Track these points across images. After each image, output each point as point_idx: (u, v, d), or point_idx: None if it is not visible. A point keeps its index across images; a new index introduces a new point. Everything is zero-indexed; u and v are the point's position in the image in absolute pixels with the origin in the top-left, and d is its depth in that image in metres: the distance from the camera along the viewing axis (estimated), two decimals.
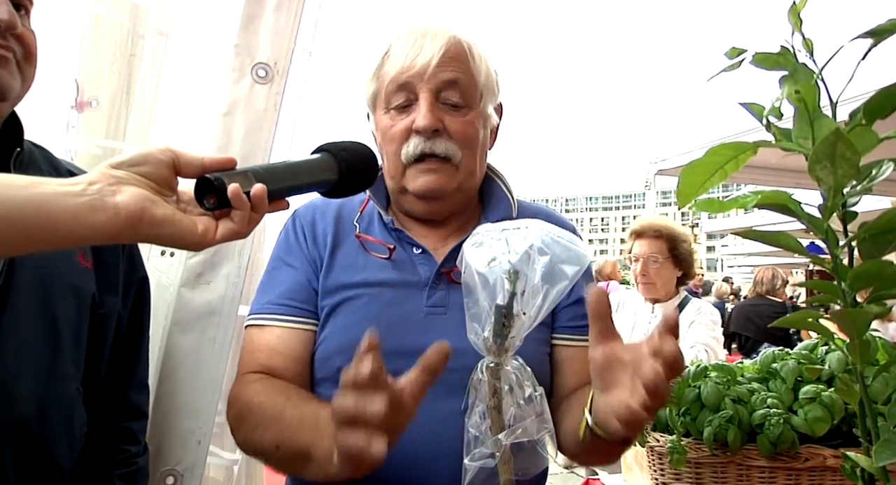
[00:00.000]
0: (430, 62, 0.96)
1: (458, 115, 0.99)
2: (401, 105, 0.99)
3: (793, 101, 0.45)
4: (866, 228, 0.45)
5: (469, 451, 0.63)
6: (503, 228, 0.64)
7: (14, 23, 0.90)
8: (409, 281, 0.99)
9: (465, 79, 1.00)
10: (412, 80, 0.97)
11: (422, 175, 0.98)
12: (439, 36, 0.99)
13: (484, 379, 0.63)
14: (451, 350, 0.61)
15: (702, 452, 1.26)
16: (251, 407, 0.91)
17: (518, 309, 0.62)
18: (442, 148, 0.98)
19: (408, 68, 0.97)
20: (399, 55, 0.99)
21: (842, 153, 0.40)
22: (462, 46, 1.01)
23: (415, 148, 0.97)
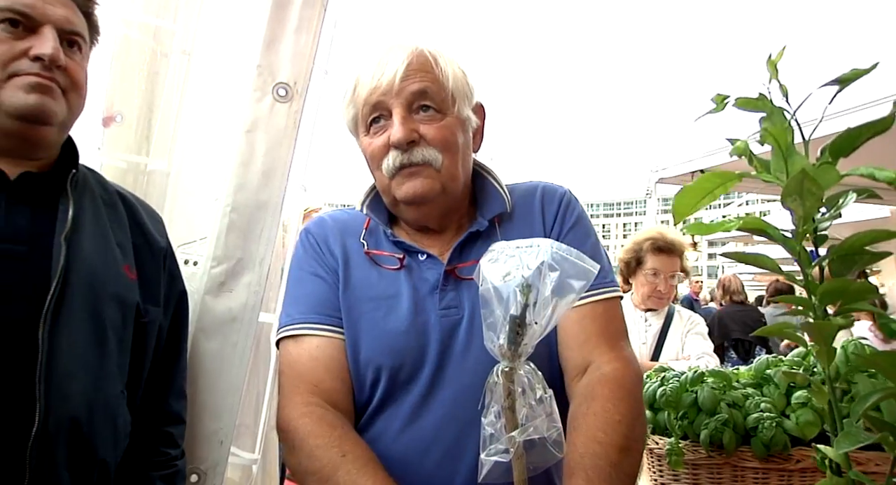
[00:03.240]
0: (395, 77, 1.02)
1: (433, 123, 1.03)
2: (377, 123, 1.05)
3: (768, 141, 0.52)
4: (835, 250, 0.52)
5: (485, 447, 0.69)
6: (517, 246, 0.71)
7: (57, 56, 0.99)
8: (420, 286, 1.05)
9: (433, 87, 1.04)
10: (383, 98, 1.03)
11: (406, 182, 1.03)
12: (401, 51, 1.05)
13: (499, 382, 0.70)
14: None
15: (699, 454, 1.32)
16: (305, 447, 0.96)
17: (530, 319, 0.68)
18: (419, 156, 1.03)
19: (376, 87, 1.03)
20: (366, 77, 1.04)
21: (808, 188, 0.47)
22: (425, 56, 1.05)
23: (393, 161, 1.03)
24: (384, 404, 1.02)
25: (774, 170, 0.52)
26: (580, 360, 1.00)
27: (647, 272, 2.59)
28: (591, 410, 0.91)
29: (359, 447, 0.95)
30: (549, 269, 0.67)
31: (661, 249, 2.59)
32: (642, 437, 0.97)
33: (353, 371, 1.04)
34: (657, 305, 2.64)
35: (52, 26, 0.99)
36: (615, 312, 1.05)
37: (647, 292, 2.63)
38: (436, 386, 0.99)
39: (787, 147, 0.51)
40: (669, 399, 1.36)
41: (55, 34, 0.99)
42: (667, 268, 2.58)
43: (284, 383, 1.07)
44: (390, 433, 1.01)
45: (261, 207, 1.34)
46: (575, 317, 1.00)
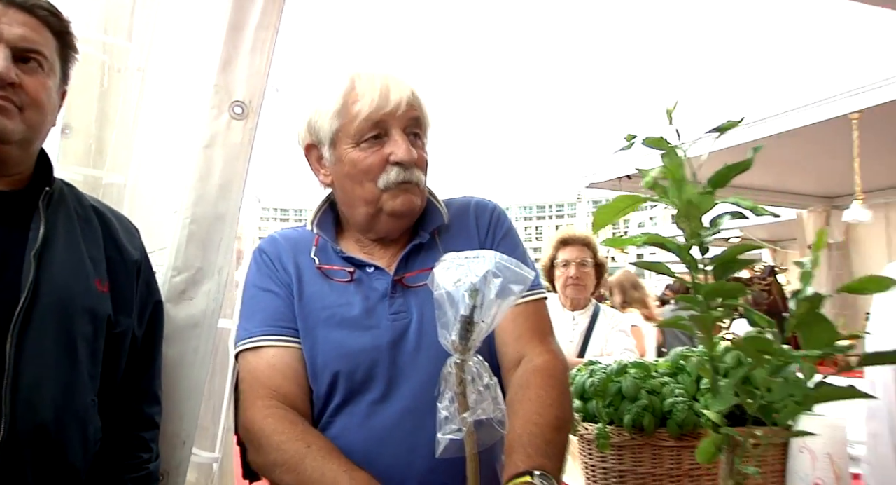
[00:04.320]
0: (401, 103, 1.13)
1: (419, 148, 1.18)
2: (376, 140, 1.14)
3: (665, 175, 0.67)
4: (716, 259, 0.67)
5: (441, 428, 0.82)
6: (465, 256, 0.83)
7: (7, 74, 1.01)
8: (371, 296, 1.16)
9: (421, 117, 1.18)
10: (386, 118, 1.13)
11: (401, 196, 1.15)
12: (404, 81, 1.17)
13: (452, 372, 0.82)
14: None
15: (623, 437, 1.47)
16: (271, 443, 1.05)
17: (478, 318, 0.81)
18: (416, 177, 1.16)
19: (383, 108, 1.12)
20: (372, 96, 1.13)
21: (692, 212, 0.62)
22: (417, 90, 1.18)
23: (396, 176, 1.13)
24: (344, 404, 1.13)
25: (672, 196, 0.66)
26: (515, 353, 1.14)
27: (559, 264, 2.83)
28: (526, 396, 1.05)
29: (322, 440, 1.06)
30: (493, 275, 0.80)
31: (566, 241, 2.87)
32: (570, 418, 1.12)
33: (312, 376, 1.14)
34: (577, 293, 2.85)
35: (4, 45, 1.01)
36: (543, 311, 1.20)
37: (564, 283, 2.85)
38: (392, 384, 1.11)
39: (680, 179, 0.66)
40: (597, 389, 1.51)
41: (7, 53, 1.01)
42: (574, 256, 2.83)
43: (245, 390, 1.15)
44: (351, 429, 1.11)
45: (219, 218, 1.41)
46: (510, 317, 1.14)
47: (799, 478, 1.40)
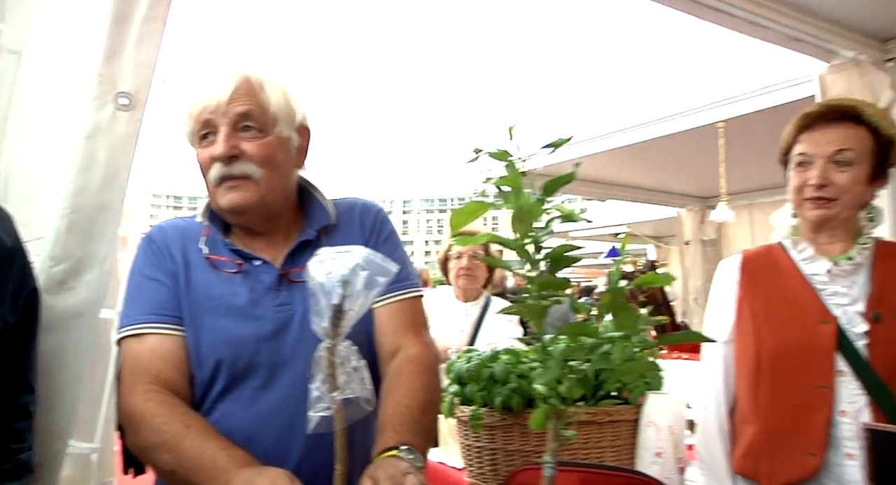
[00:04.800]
0: (223, 98, 1.16)
1: (254, 140, 1.18)
2: (207, 138, 1.19)
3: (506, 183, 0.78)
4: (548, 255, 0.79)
5: (313, 406, 0.90)
6: (337, 251, 0.91)
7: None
8: (257, 288, 1.21)
9: (256, 110, 1.18)
10: (211, 117, 1.17)
11: (227, 193, 1.19)
12: (230, 74, 1.20)
13: (324, 356, 0.91)
14: None
15: (494, 417, 1.60)
16: (151, 425, 1.07)
17: (347, 307, 0.89)
18: (239, 170, 1.17)
19: (206, 107, 1.17)
20: (199, 95, 1.19)
21: (524, 217, 0.73)
22: (251, 82, 1.19)
23: (216, 172, 1.18)
24: (226, 390, 1.17)
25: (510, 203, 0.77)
26: (392, 345, 1.24)
27: (453, 256, 2.98)
28: (399, 381, 1.16)
29: (201, 421, 1.10)
30: (361, 268, 0.88)
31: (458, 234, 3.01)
32: (438, 401, 1.23)
33: (196, 363, 1.18)
34: (470, 283, 3.00)
35: None
36: (419, 307, 1.30)
37: (456, 274, 3.00)
38: (274, 372, 1.17)
39: (517, 188, 0.77)
40: (472, 374, 1.64)
41: None
42: (467, 249, 2.98)
43: (126, 375, 1.17)
44: (234, 413, 1.16)
45: (102, 209, 1.41)
46: (388, 311, 1.24)
47: (645, 448, 1.59)
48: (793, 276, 1.50)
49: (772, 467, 1.44)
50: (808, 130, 1.51)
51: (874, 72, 3.61)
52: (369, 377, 0.94)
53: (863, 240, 1.48)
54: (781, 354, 1.45)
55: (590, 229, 10.86)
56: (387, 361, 1.23)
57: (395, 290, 1.26)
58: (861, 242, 1.48)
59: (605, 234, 11.03)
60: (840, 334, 1.39)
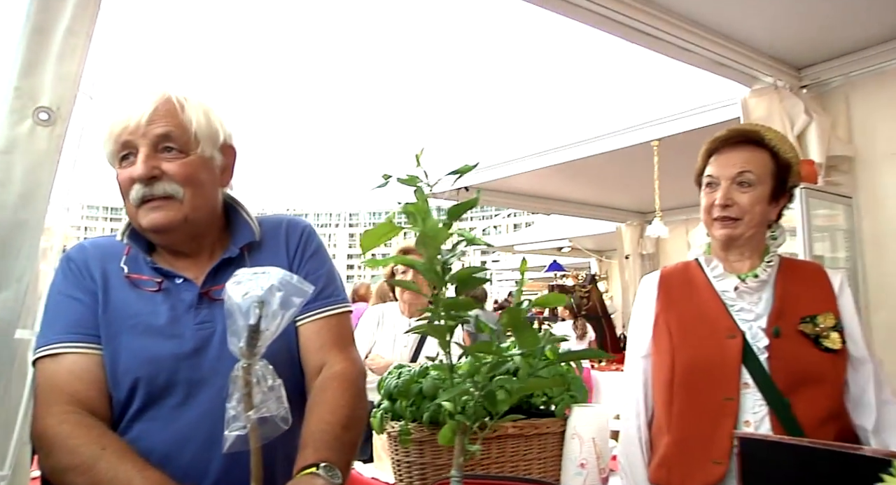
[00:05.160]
0: (142, 119, 1.16)
1: (176, 160, 1.18)
2: (127, 159, 1.19)
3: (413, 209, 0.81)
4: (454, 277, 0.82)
5: (229, 425, 0.90)
6: (254, 272, 0.93)
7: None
8: (178, 306, 1.20)
9: (176, 130, 1.18)
10: (131, 138, 1.17)
11: (148, 213, 1.18)
12: (150, 95, 1.19)
13: (240, 375, 0.91)
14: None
15: (423, 433, 1.62)
16: (66, 447, 1.05)
17: (264, 327, 0.91)
18: (161, 190, 1.17)
19: (125, 128, 1.17)
20: (118, 116, 1.18)
21: (429, 241, 0.77)
22: (171, 102, 1.19)
23: (136, 193, 1.17)
24: (144, 409, 1.16)
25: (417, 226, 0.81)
26: (317, 361, 1.25)
27: (398, 272, 3.01)
28: (322, 398, 1.17)
29: (117, 442, 1.08)
30: (277, 289, 0.90)
31: (407, 251, 3.05)
32: (362, 417, 1.24)
33: (112, 382, 1.16)
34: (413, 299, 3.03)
35: None
36: (345, 323, 1.32)
37: (401, 290, 3.02)
38: (193, 390, 1.16)
39: (425, 213, 0.80)
40: (401, 390, 1.65)
41: None
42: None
43: (41, 395, 1.14)
44: (152, 432, 1.15)
45: (19, 226, 1.37)
46: (313, 328, 1.25)
47: (569, 460, 1.64)
48: (705, 292, 1.58)
49: (682, 477, 1.51)
50: (716, 154, 1.60)
51: (791, 97, 3.83)
52: (285, 396, 0.95)
53: (768, 258, 1.57)
54: (692, 367, 1.52)
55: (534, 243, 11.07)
56: (312, 377, 1.24)
57: (321, 306, 1.27)
58: (767, 259, 1.57)
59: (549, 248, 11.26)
60: (746, 349, 1.47)
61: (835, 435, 1.41)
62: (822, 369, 1.43)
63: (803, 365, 1.43)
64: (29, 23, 1.42)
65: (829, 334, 1.44)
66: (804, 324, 1.46)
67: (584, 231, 9.77)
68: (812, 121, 3.78)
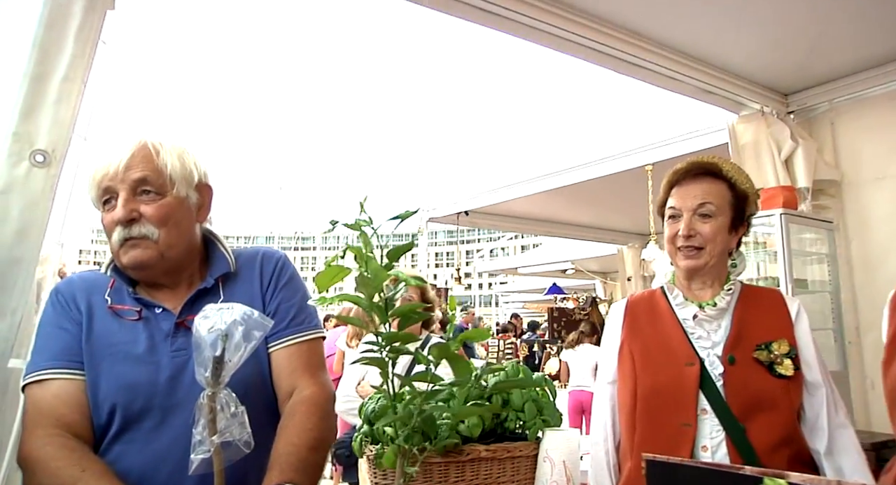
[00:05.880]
0: (120, 166, 1.25)
1: (152, 203, 1.27)
2: (109, 203, 1.28)
3: (356, 251, 0.89)
4: (395, 312, 0.90)
5: (194, 449, 0.98)
6: (220, 308, 1.01)
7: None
8: (156, 334, 1.29)
9: (151, 175, 1.27)
10: (111, 184, 1.26)
11: (128, 252, 1.27)
12: (128, 143, 1.27)
13: (205, 403, 0.99)
14: None
15: None
16: (47, 469, 1.12)
17: (227, 358, 0.99)
18: (138, 231, 1.26)
19: (105, 174, 1.26)
20: (100, 164, 1.27)
21: (368, 282, 0.85)
22: (147, 148, 1.28)
23: (118, 235, 1.26)
24: (122, 432, 1.23)
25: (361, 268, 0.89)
26: (288, 386, 1.32)
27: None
28: (290, 422, 1.24)
29: (97, 464, 1.15)
30: (239, 323, 0.98)
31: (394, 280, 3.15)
32: (329, 439, 1.31)
33: (93, 407, 1.24)
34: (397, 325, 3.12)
35: None
36: (316, 349, 1.39)
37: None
38: (168, 415, 1.23)
39: (367, 256, 0.88)
40: (378, 414, 1.72)
41: None
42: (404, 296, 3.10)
43: (28, 419, 1.22)
44: (129, 454, 1.22)
45: (15, 262, 1.47)
46: (285, 354, 1.33)
47: (541, 482, 1.69)
48: (668, 320, 1.64)
49: None
50: (677, 185, 1.67)
51: (777, 123, 3.91)
52: (248, 421, 1.03)
53: (728, 286, 1.63)
54: (653, 394, 1.57)
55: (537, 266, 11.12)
56: (284, 401, 1.32)
57: (292, 333, 1.35)
58: (726, 288, 1.63)
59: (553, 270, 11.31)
60: (703, 376, 1.52)
61: (789, 458, 1.46)
62: (775, 396, 1.48)
63: (757, 391, 1.48)
64: (28, 72, 1.52)
65: (783, 361, 1.49)
66: (759, 351, 1.52)
67: (588, 253, 9.81)
68: (798, 146, 3.85)
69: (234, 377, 1.04)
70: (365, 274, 0.86)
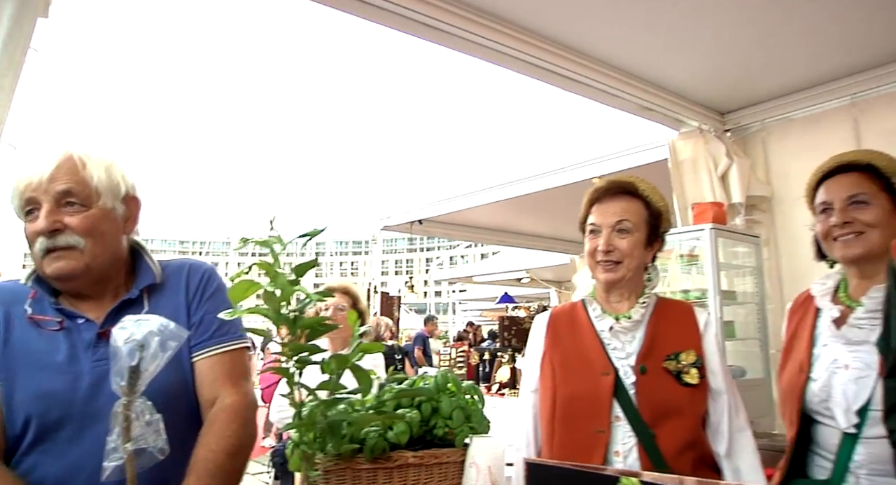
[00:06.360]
0: (44, 177, 1.26)
1: (77, 214, 1.27)
2: (32, 214, 1.29)
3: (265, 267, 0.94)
4: (304, 323, 0.95)
5: (108, 457, 1.01)
6: (137, 319, 1.05)
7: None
8: (78, 344, 1.30)
9: (76, 187, 1.28)
10: (34, 195, 1.27)
11: (52, 263, 1.28)
12: (52, 155, 1.30)
13: (120, 411, 1.03)
14: None
15: (329, 462, 1.73)
16: None
17: (144, 367, 1.02)
18: (63, 241, 1.27)
19: (28, 185, 1.27)
20: (23, 174, 1.28)
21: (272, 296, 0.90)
22: (73, 160, 1.29)
23: (40, 245, 1.27)
24: (37, 442, 1.24)
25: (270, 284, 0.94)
26: (211, 395, 1.35)
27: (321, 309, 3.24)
28: (210, 430, 1.28)
29: (4, 476, 1.16)
30: (155, 334, 1.02)
31: (332, 289, 3.30)
32: (248, 446, 1.34)
33: (7, 416, 1.25)
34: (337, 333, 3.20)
35: None
36: (240, 358, 1.42)
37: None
38: (86, 424, 1.24)
39: (275, 271, 0.93)
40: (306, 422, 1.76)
41: None
42: (331, 302, 3.27)
43: None
44: (43, 465, 1.23)
45: None
46: (208, 364, 1.36)
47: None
48: (587, 331, 1.73)
49: None
50: (597, 203, 1.76)
51: (714, 140, 4.08)
52: (163, 429, 1.06)
53: (642, 299, 1.73)
54: (571, 402, 1.65)
55: (493, 274, 11.25)
56: (206, 409, 1.34)
57: (216, 343, 1.38)
58: (641, 300, 1.72)
59: (509, 279, 11.46)
60: (618, 385, 1.61)
61: (693, 461, 1.55)
62: (682, 403, 1.58)
63: (665, 399, 1.58)
64: None
65: (690, 370, 1.59)
66: (668, 361, 1.61)
67: (543, 262, 9.97)
68: (733, 163, 4.02)
69: (155, 386, 1.07)
70: (269, 289, 0.91)
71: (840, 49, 3.36)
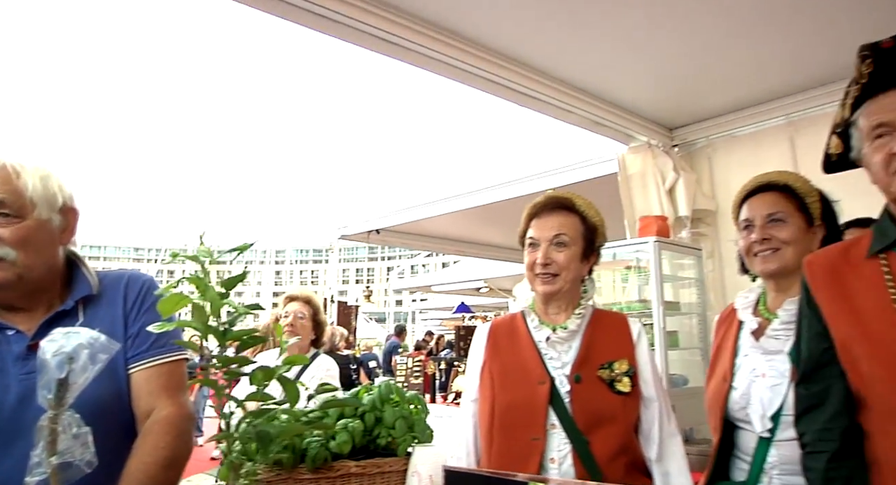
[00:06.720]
0: None
1: (10, 225, 1.26)
2: None
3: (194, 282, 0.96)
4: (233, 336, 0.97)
5: (30, 472, 1.00)
6: (67, 332, 1.04)
7: None
8: (7, 356, 1.28)
9: (9, 197, 1.26)
10: None
11: None
12: None
13: (46, 424, 1.02)
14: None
15: (270, 473, 1.73)
16: None
17: (72, 380, 1.02)
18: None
19: None
20: None
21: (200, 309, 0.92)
22: (6, 170, 1.27)
23: None
24: None
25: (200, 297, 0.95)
26: (147, 407, 1.35)
27: (282, 316, 3.28)
28: (145, 441, 1.27)
29: None
30: (84, 347, 1.02)
31: (292, 298, 3.41)
32: (183, 458, 1.34)
33: None
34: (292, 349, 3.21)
35: None
36: (177, 370, 1.42)
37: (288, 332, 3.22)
38: (14, 438, 1.22)
39: (204, 285, 0.95)
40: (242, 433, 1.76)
41: None
42: (295, 310, 3.34)
43: None
44: None
45: None
46: (144, 375, 1.36)
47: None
48: (525, 342, 1.77)
49: None
50: (536, 218, 1.82)
51: (662, 155, 4.21)
52: (91, 441, 1.06)
53: (578, 310, 1.79)
54: (508, 410, 1.69)
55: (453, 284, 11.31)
56: (142, 422, 1.34)
57: (154, 355, 1.37)
58: (577, 312, 1.78)
59: (467, 288, 11.53)
60: (553, 393, 1.66)
61: (626, 466, 1.61)
62: (615, 410, 1.64)
63: (598, 407, 1.63)
64: None
65: (622, 379, 1.65)
66: (602, 370, 1.67)
67: (501, 272, 10.06)
68: (680, 177, 4.15)
69: (85, 398, 1.06)
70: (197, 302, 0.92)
71: (781, 70, 3.52)
